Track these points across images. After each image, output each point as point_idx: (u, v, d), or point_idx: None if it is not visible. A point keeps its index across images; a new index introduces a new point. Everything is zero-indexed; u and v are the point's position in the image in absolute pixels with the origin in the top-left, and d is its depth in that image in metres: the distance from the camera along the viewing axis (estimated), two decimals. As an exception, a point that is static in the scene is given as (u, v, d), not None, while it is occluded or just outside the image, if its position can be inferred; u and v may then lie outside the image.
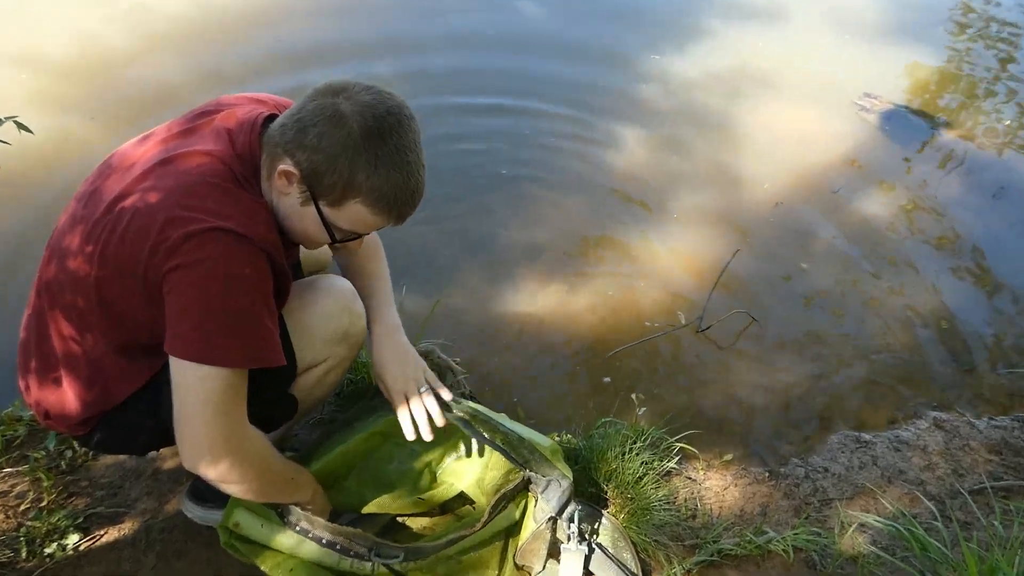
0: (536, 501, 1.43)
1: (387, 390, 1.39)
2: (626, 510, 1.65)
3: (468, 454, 1.54)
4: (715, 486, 1.85)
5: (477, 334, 2.33)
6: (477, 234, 2.75)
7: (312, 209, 1.13)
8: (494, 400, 2.10)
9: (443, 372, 1.97)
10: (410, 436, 1.35)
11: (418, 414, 1.35)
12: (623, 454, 1.73)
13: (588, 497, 1.67)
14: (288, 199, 1.14)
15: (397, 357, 1.39)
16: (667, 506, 1.70)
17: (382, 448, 1.51)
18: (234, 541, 1.30)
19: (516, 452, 1.43)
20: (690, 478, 1.86)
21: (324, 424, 1.80)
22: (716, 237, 2.83)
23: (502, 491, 1.40)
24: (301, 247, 1.39)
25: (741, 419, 2.16)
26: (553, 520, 1.41)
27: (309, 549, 1.28)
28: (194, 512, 1.52)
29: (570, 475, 1.45)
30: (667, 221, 2.91)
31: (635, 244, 2.77)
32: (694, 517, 1.74)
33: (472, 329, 2.34)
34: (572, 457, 1.74)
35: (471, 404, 1.46)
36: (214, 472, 1.13)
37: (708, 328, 2.41)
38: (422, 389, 1.37)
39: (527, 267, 2.61)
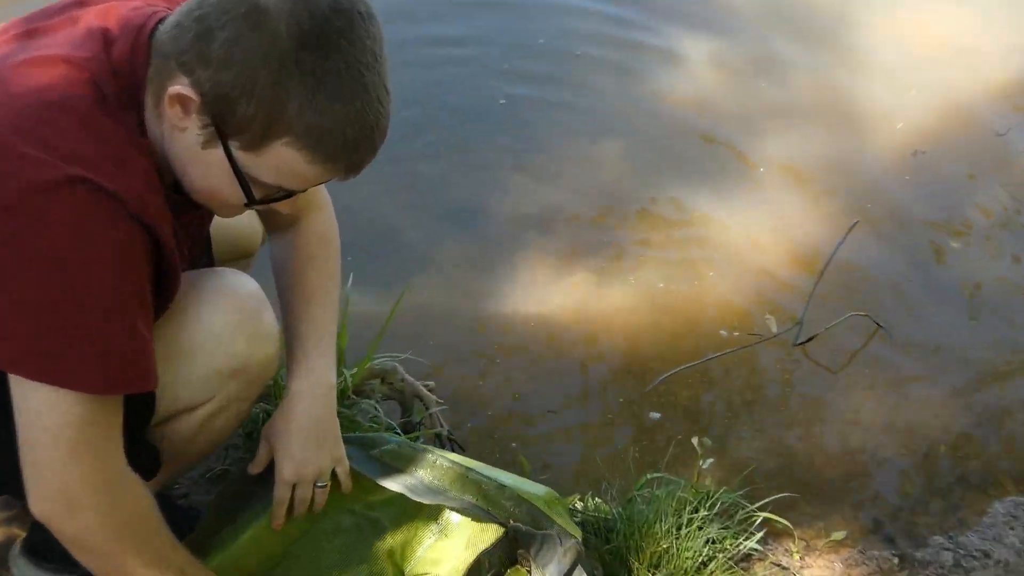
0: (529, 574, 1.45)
1: (275, 468, 1.40)
2: (683, 612, 1.65)
3: (451, 531, 1.54)
4: (818, 578, 1.85)
5: (461, 345, 2.33)
6: (460, 194, 2.74)
7: (219, 153, 1.11)
8: (485, 445, 2.09)
9: (409, 401, 1.98)
10: (276, 524, 1.42)
11: (299, 509, 1.44)
12: (679, 527, 1.72)
13: (625, 592, 1.67)
14: (184, 137, 1.11)
15: (307, 436, 1.40)
16: (745, 608, 1.70)
17: (320, 524, 1.50)
18: None
19: (494, 505, 1.45)
20: (780, 565, 1.85)
21: (226, 480, 1.79)
22: (823, 202, 2.82)
23: (478, 551, 1.42)
24: (215, 217, 1.36)
25: (858, 477, 2.15)
26: None
27: None
28: (27, 575, 1.52)
29: (578, 533, 1.45)
30: (750, 177, 2.89)
31: (701, 212, 2.76)
32: (786, 625, 1.74)
33: (453, 338, 2.34)
34: (602, 531, 1.74)
35: (441, 453, 1.46)
36: (68, 536, 1.15)
37: (810, 340, 2.40)
38: (319, 484, 1.43)
39: (536, 246, 2.61)
